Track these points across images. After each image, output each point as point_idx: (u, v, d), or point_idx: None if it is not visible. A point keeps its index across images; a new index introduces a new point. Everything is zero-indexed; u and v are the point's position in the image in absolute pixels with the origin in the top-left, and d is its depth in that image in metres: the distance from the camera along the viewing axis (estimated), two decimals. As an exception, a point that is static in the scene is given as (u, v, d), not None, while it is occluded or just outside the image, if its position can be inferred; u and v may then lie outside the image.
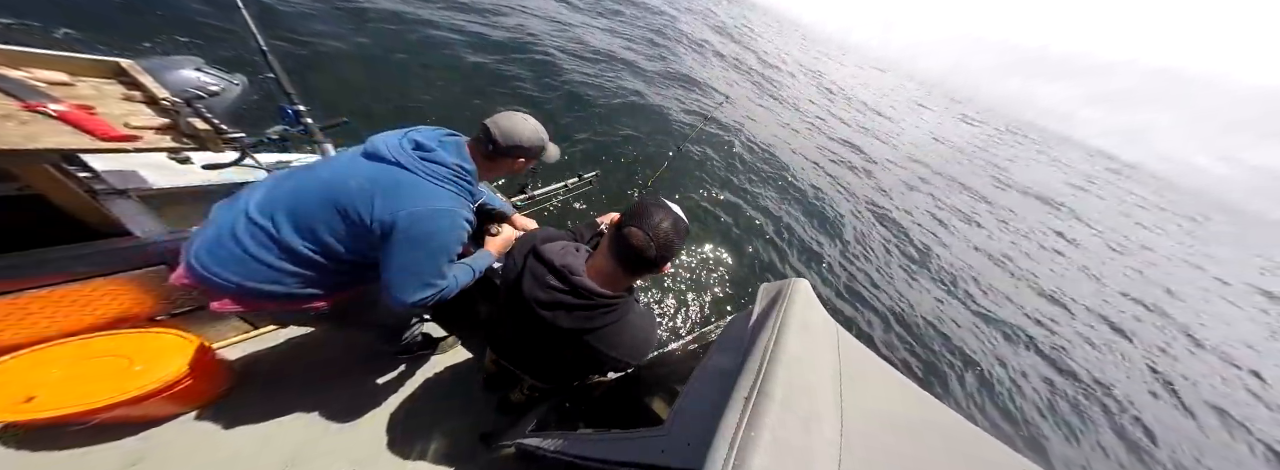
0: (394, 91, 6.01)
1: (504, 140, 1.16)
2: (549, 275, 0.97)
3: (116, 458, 1.42)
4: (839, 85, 28.99)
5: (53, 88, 1.13)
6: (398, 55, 6.70)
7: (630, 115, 8.29)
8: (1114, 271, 14.12)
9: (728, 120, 10.62)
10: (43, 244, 1.20)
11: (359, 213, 1.03)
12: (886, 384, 0.89)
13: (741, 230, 6.67)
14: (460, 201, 1.14)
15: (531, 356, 1.29)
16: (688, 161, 7.69)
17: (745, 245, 6.36)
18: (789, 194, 8.58)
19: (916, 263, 8.55)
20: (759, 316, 0.90)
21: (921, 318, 6.79)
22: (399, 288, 1.09)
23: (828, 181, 10.18)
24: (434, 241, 1.09)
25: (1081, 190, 33.16)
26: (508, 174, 1.34)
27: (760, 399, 0.60)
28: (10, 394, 1.21)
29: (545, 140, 1.27)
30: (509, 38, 8.83)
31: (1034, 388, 6.70)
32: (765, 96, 15.38)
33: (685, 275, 5.35)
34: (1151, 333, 10.41)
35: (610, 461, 0.79)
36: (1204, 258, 26.46)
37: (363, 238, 1.07)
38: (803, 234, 7.41)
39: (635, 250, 0.88)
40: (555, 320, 0.96)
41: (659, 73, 11.27)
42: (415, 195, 1.06)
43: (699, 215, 6.53)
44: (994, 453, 0.80)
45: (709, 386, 0.76)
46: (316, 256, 1.09)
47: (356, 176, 1.06)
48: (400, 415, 1.84)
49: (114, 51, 2.87)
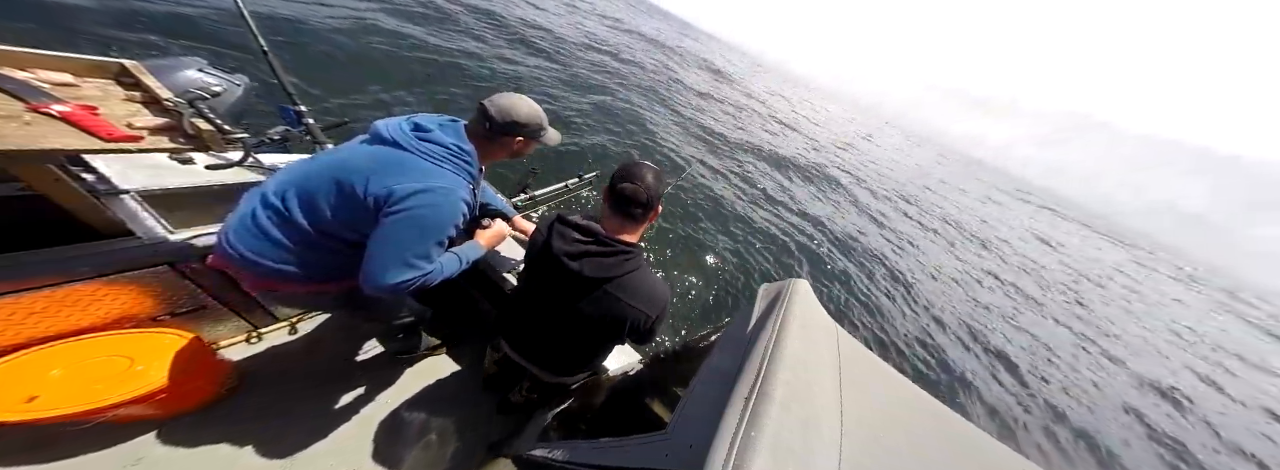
0: (398, 91, 6.01)
1: (500, 117, 1.16)
2: (575, 232, 1.12)
3: (116, 458, 1.42)
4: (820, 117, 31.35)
5: (57, 88, 1.13)
6: (401, 56, 6.70)
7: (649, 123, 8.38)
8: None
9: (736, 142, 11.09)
10: (44, 244, 1.21)
11: (354, 187, 1.04)
12: (887, 384, 0.89)
13: (744, 232, 6.66)
14: (458, 181, 1.13)
15: (547, 338, 1.32)
16: (703, 167, 7.74)
17: (746, 247, 6.35)
18: (782, 202, 8.59)
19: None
20: (759, 317, 0.90)
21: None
22: (380, 265, 1.06)
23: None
24: (426, 219, 1.07)
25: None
26: (510, 157, 1.33)
27: (760, 399, 0.60)
28: (11, 394, 1.21)
29: (543, 121, 1.26)
30: (520, 35, 8.92)
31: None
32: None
33: (686, 275, 5.34)
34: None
35: (616, 468, 0.79)
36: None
37: (361, 215, 1.07)
38: (807, 237, 7.40)
39: (630, 199, 1.08)
40: (581, 270, 1.09)
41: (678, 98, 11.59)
42: (411, 172, 1.07)
43: (701, 217, 6.53)
44: (994, 453, 0.80)
45: (710, 388, 0.76)
46: (324, 238, 1.11)
47: (359, 156, 1.09)
48: (400, 416, 1.84)
49: (117, 52, 2.87)
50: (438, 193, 1.07)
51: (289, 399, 1.74)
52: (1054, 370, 8.13)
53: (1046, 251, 22.23)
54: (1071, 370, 8.48)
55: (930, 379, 5.93)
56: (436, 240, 1.12)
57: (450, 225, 1.12)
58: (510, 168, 5.19)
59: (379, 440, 1.74)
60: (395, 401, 1.89)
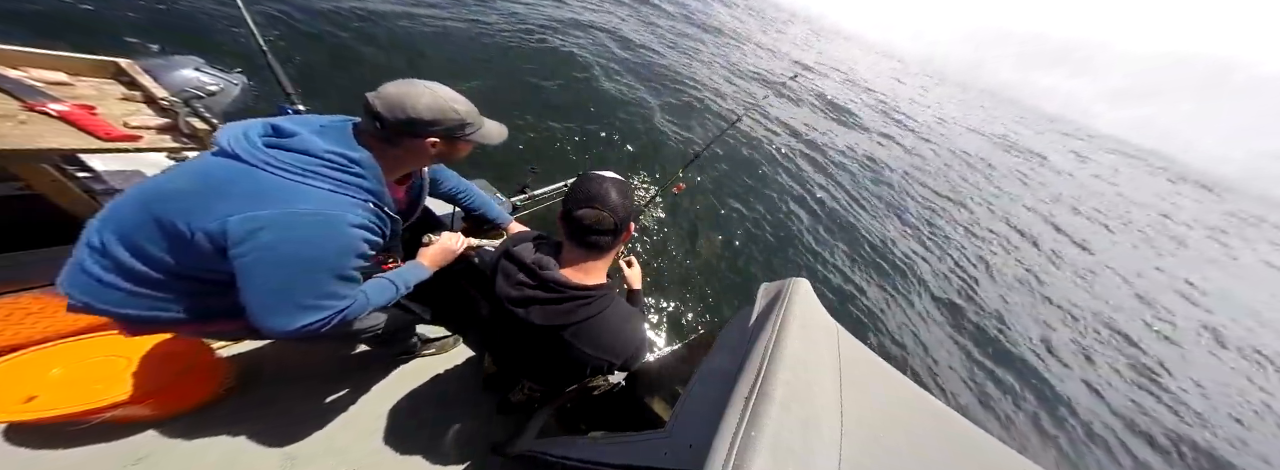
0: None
1: (390, 113, 0.88)
2: (519, 272, 0.96)
3: (116, 457, 1.42)
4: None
5: (53, 87, 1.13)
6: (404, 54, 6.69)
7: (667, 112, 8.36)
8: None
9: (763, 122, 10.82)
10: (43, 244, 1.20)
11: (174, 224, 0.79)
12: (887, 384, 0.89)
13: (747, 229, 6.67)
14: (340, 201, 0.86)
15: (521, 359, 1.25)
16: (714, 157, 7.64)
17: (749, 244, 6.35)
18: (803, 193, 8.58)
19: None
20: (759, 316, 0.90)
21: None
22: (265, 312, 0.83)
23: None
24: (296, 256, 0.82)
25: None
26: (430, 162, 1.07)
27: (760, 399, 0.60)
28: (10, 394, 1.21)
29: (464, 114, 0.98)
30: (522, 32, 8.85)
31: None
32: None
33: (686, 276, 5.34)
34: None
35: (614, 465, 0.79)
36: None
37: (195, 254, 0.81)
38: (806, 233, 7.40)
39: (592, 228, 0.88)
40: (528, 317, 0.94)
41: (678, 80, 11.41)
42: (253, 196, 0.80)
43: (704, 216, 6.52)
44: (994, 452, 0.80)
45: (710, 387, 0.76)
46: (185, 281, 0.87)
47: (180, 178, 0.83)
48: (401, 416, 1.84)
49: (113, 51, 2.85)
50: (303, 220, 0.80)
51: (288, 398, 1.74)
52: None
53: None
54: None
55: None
56: (334, 275, 0.86)
57: (346, 257, 0.87)
58: (510, 169, 5.17)
59: (379, 440, 1.74)
60: (395, 401, 1.89)
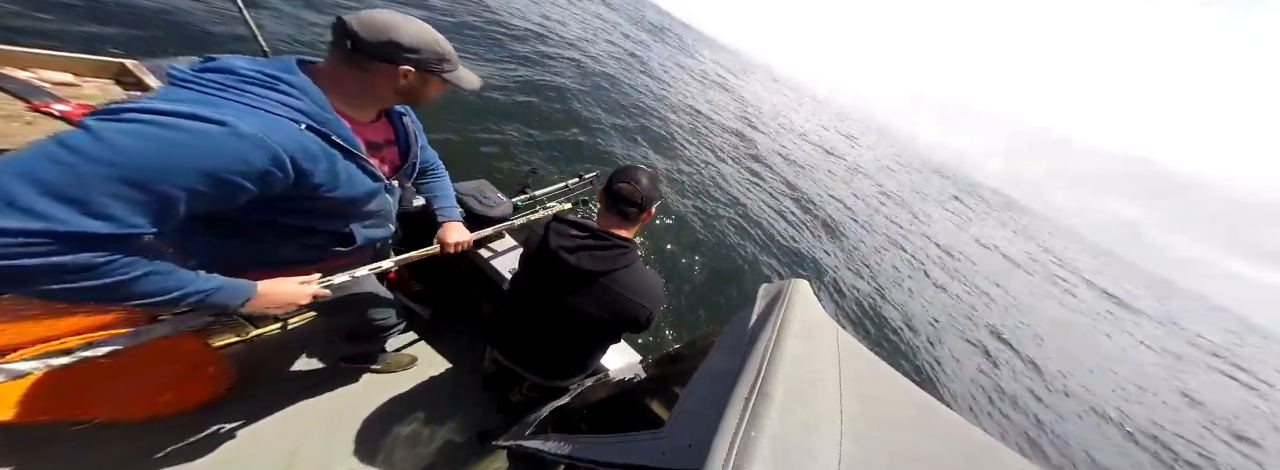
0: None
1: (368, 33, 0.82)
2: (571, 229, 1.17)
3: (116, 457, 1.42)
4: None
5: (59, 88, 1.13)
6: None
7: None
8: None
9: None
10: None
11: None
12: (887, 384, 0.89)
13: (742, 232, 6.67)
14: (253, 116, 0.72)
15: (541, 341, 1.33)
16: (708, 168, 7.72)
17: (745, 246, 6.35)
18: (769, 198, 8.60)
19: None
20: (759, 317, 0.90)
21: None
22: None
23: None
24: (116, 145, 0.60)
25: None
26: (393, 98, 0.98)
27: (760, 399, 0.60)
28: (9, 394, 1.21)
29: (444, 52, 0.94)
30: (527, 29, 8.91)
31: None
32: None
33: (686, 275, 5.34)
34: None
35: (611, 464, 0.79)
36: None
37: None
38: (798, 237, 7.40)
39: (626, 199, 1.13)
40: (579, 263, 1.12)
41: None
42: (152, 99, 0.69)
43: (705, 215, 6.53)
44: (996, 455, 0.79)
45: (709, 387, 0.76)
46: None
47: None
48: (400, 415, 1.84)
49: (118, 51, 2.87)
50: (185, 124, 0.65)
51: (288, 397, 1.74)
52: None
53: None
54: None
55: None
56: (129, 185, 0.61)
57: (187, 171, 0.65)
58: (508, 168, 5.19)
59: (378, 439, 1.74)
60: (395, 400, 1.89)
